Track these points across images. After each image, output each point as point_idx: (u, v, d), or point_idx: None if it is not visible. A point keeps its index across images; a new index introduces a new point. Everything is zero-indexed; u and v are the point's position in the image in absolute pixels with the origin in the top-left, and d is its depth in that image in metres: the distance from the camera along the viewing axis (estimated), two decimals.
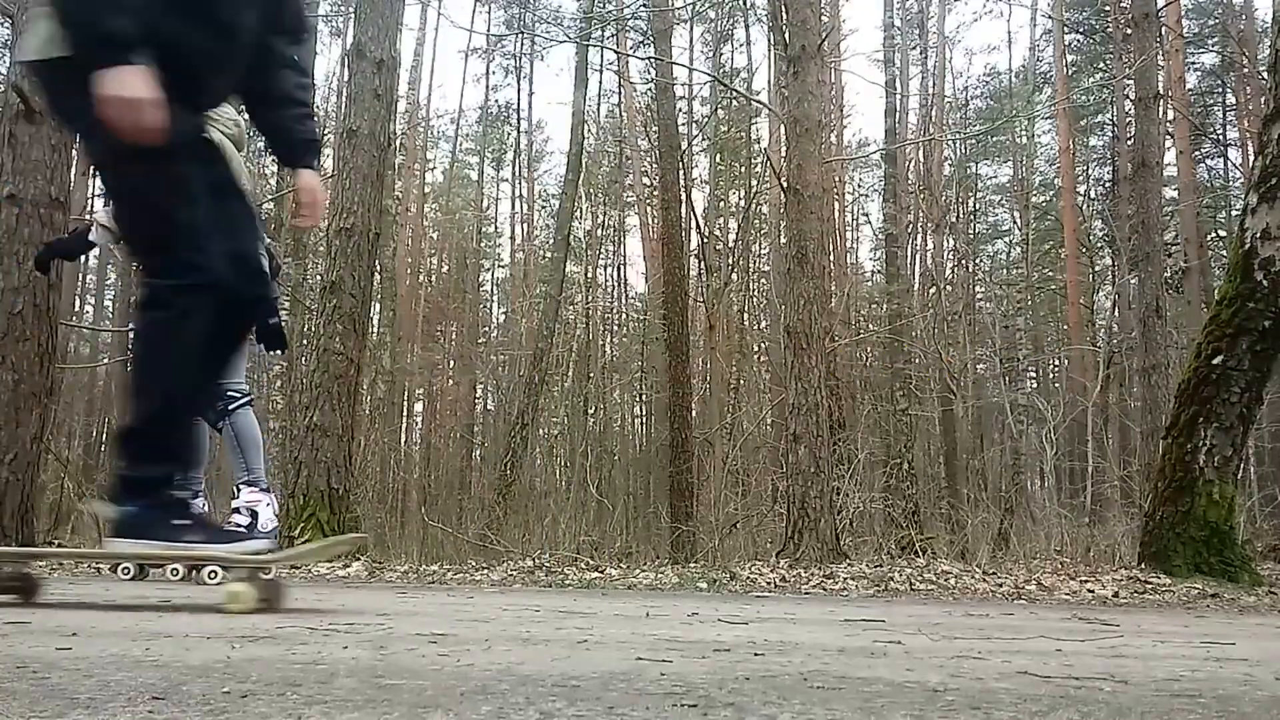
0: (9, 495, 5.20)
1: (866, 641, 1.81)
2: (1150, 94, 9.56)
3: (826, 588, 4.16)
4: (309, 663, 1.23)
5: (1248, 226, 4.89)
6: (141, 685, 1.02)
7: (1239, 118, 18.22)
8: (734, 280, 15.77)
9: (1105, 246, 17.88)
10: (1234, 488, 4.86)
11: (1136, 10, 9.64)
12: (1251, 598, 4.13)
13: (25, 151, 5.53)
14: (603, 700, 1.00)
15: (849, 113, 21.45)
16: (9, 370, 5.33)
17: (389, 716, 0.88)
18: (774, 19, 8.62)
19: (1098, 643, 1.95)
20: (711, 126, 17.82)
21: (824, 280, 6.47)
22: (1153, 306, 8.95)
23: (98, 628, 1.70)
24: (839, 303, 13.54)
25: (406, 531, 10.14)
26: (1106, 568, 4.97)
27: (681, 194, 13.70)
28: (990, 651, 1.68)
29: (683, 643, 1.65)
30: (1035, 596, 3.92)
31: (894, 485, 11.11)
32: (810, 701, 1.03)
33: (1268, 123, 5.03)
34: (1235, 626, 2.74)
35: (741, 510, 10.14)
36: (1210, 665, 1.58)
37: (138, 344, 2.03)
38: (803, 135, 6.29)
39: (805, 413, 5.94)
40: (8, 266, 5.43)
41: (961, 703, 1.05)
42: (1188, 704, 1.10)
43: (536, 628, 1.89)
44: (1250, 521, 8.18)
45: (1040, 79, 19.89)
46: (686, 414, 12.17)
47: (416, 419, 19.42)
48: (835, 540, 5.85)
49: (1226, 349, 4.78)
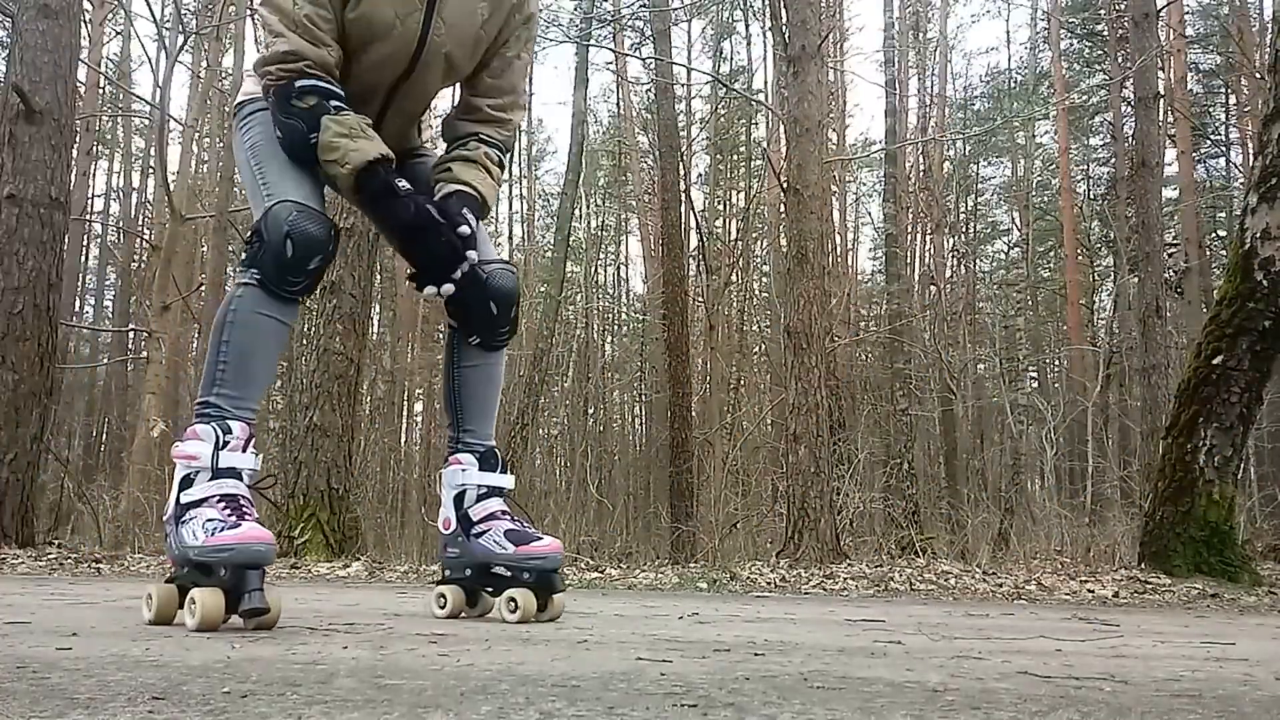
0: (9, 495, 5.20)
1: (866, 641, 1.81)
2: (1150, 94, 9.56)
3: (826, 588, 4.16)
4: (309, 662, 1.23)
5: (1248, 226, 4.89)
6: (141, 685, 1.02)
7: (1239, 118, 18.21)
8: (734, 280, 15.77)
9: (1105, 246, 17.89)
10: (1234, 488, 4.85)
11: (1136, 10, 9.64)
12: (1252, 598, 4.13)
13: (25, 151, 5.54)
14: (603, 700, 1.00)
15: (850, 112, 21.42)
16: (9, 370, 5.33)
17: (389, 716, 0.88)
18: (774, 19, 8.62)
19: (1098, 643, 1.95)
20: (711, 126, 17.82)
21: (824, 280, 6.47)
22: (1153, 306, 8.94)
23: (98, 628, 1.70)
24: (839, 303, 13.55)
25: (406, 531, 10.14)
26: (1106, 568, 4.97)
27: (681, 194, 13.71)
28: (990, 651, 1.68)
29: (683, 643, 1.65)
30: (1035, 596, 3.92)
31: (894, 485, 11.11)
32: (810, 701, 1.03)
33: (1268, 123, 5.03)
34: (1235, 626, 2.74)
35: (741, 510, 10.14)
36: (1210, 665, 1.58)
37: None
38: (803, 135, 6.29)
39: (805, 413, 5.94)
40: (8, 266, 5.43)
41: (961, 703, 1.05)
42: (1188, 704, 1.10)
43: (536, 628, 1.89)
44: (1250, 521, 8.18)
45: (1038, 78, 19.89)
46: (686, 414, 12.18)
47: (416, 419, 19.41)
48: (835, 540, 5.85)
49: (1226, 349, 4.78)
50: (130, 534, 6.66)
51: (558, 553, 1.98)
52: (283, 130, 1.86)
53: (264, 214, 1.81)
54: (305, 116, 1.83)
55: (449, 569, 2.11)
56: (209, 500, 1.71)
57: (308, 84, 1.83)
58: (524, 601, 1.94)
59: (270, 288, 1.79)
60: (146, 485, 8.39)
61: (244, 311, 1.80)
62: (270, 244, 1.77)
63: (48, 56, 5.67)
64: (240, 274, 1.84)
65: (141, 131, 19.53)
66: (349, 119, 1.85)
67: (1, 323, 5.37)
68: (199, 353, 14.56)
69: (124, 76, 18.31)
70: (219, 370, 1.79)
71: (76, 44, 6.07)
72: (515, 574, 1.97)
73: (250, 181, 1.94)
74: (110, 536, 6.43)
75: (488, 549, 2.01)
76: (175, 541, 1.72)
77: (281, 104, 1.85)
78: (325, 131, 1.82)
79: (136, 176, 21.28)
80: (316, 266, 1.82)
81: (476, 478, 2.06)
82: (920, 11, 19.14)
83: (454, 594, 2.08)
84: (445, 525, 2.09)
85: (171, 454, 1.80)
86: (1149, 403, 8.79)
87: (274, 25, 1.84)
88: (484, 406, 2.12)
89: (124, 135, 20.78)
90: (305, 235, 1.78)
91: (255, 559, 1.61)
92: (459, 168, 2.04)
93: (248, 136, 1.98)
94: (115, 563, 4.63)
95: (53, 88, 5.65)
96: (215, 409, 1.77)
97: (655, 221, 15.68)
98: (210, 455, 1.74)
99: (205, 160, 17.82)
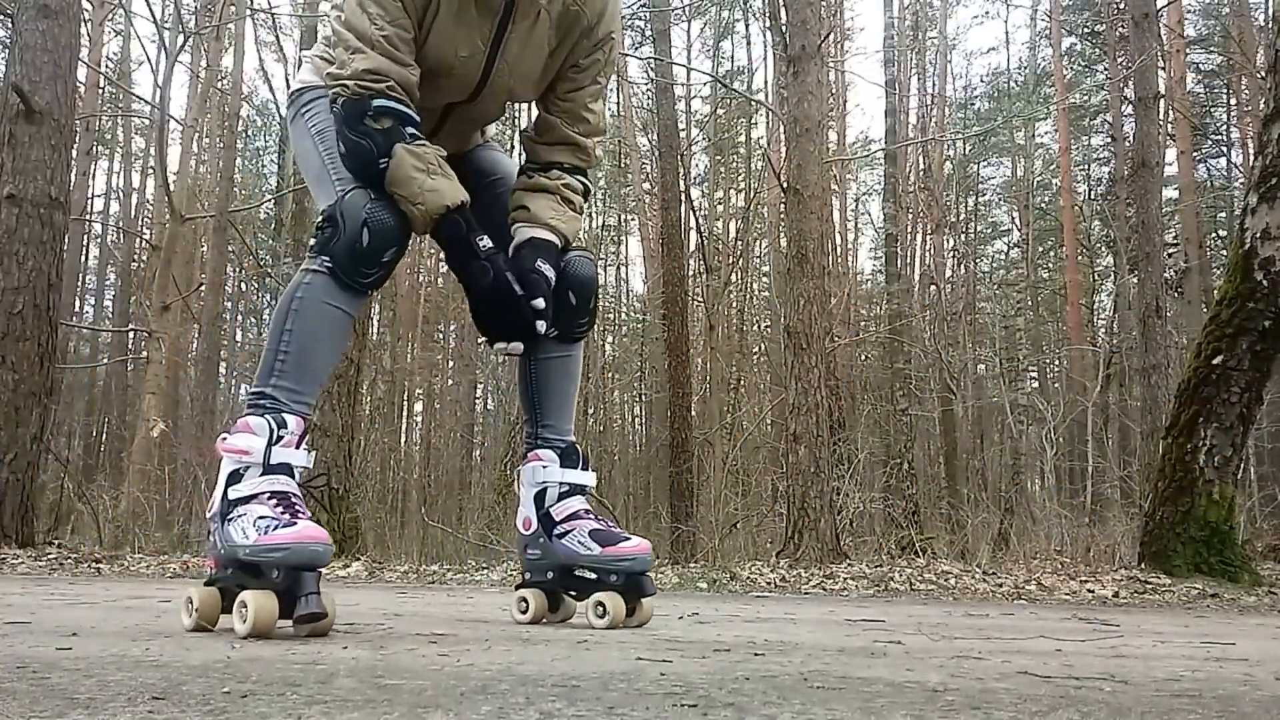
0: (9, 495, 5.20)
1: (866, 641, 1.81)
2: (1150, 94, 9.56)
3: (826, 588, 4.16)
4: (309, 662, 1.23)
5: (1248, 226, 4.89)
6: (141, 685, 1.02)
7: (1239, 118, 18.22)
8: (734, 280, 15.77)
9: (1105, 246, 17.90)
10: (1234, 488, 4.86)
11: (1136, 10, 9.64)
12: (1252, 598, 4.13)
13: (25, 151, 5.53)
14: (603, 700, 1.00)
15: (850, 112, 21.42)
16: (9, 370, 5.32)
17: (389, 716, 0.88)
18: (774, 19, 8.62)
19: (1098, 643, 1.95)
20: (711, 126, 17.82)
21: (824, 280, 6.47)
22: (1153, 306, 8.94)
23: (98, 628, 1.70)
24: (839, 303, 13.55)
25: (406, 531, 10.14)
26: (1106, 568, 4.97)
27: (681, 194, 13.70)
28: (990, 651, 1.68)
29: (683, 643, 1.65)
30: (1035, 596, 3.93)
31: (894, 485, 11.11)
32: (810, 701, 1.03)
33: (1268, 123, 5.03)
34: (1235, 626, 2.74)
35: (741, 510, 10.14)
36: (1210, 665, 1.58)
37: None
38: (803, 135, 6.29)
39: (805, 413, 5.94)
40: (8, 266, 5.43)
41: (961, 703, 1.05)
42: (1188, 704, 1.10)
43: (536, 628, 1.89)
44: (1250, 521, 8.17)
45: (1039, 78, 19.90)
46: (686, 414, 12.17)
47: (416, 419, 19.42)
48: (835, 540, 5.85)
49: (1226, 349, 4.78)
50: (130, 534, 6.65)
51: (647, 554, 1.89)
52: (347, 145, 1.76)
53: (339, 200, 1.73)
54: (378, 139, 1.73)
55: (529, 571, 2.00)
56: (259, 496, 1.61)
57: (386, 105, 1.74)
58: (613, 606, 1.85)
59: (341, 277, 1.71)
60: (146, 485, 8.38)
61: (310, 300, 1.72)
62: (346, 232, 1.70)
63: (47, 56, 5.66)
64: (309, 260, 1.74)
65: (141, 131, 19.53)
66: (427, 153, 1.75)
67: (1, 323, 5.36)
68: (199, 353, 14.57)
69: (124, 76, 18.31)
70: (278, 360, 1.70)
71: (76, 44, 6.07)
72: (602, 577, 1.89)
73: (317, 168, 1.86)
74: (110, 537, 6.43)
75: (572, 550, 1.91)
76: (220, 540, 1.61)
77: (351, 120, 1.75)
78: (400, 163, 1.72)
79: (136, 176, 21.30)
80: (390, 258, 1.75)
81: (558, 475, 1.97)
82: (920, 12, 19.15)
83: (536, 598, 1.97)
84: (525, 525, 1.99)
85: (219, 447, 1.70)
86: (1149, 403, 8.79)
87: (351, 42, 1.75)
88: (563, 400, 2.03)
89: (124, 135, 20.79)
90: (382, 225, 1.71)
91: (312, 560, 1.51)
92: (537, 205, 1.93)
93: (314, 123, 1.89)
94: (115, 563, 4.63)
95: (52, 87, 5.65)
96: (271, 400, 1.69)
97: (655, 221, 15.68)
98: (263, 450, 1.65)
99: (205, 160, 17.84)
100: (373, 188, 1.75)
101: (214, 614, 1.63)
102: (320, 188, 1.84)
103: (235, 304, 20.47)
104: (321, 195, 1.82)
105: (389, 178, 1.73)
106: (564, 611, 2.01)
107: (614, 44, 1.96)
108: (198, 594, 1.63)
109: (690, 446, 11.80)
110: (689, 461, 11.57)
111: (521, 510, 2.00)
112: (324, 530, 1.55)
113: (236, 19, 12.33)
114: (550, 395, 2.02)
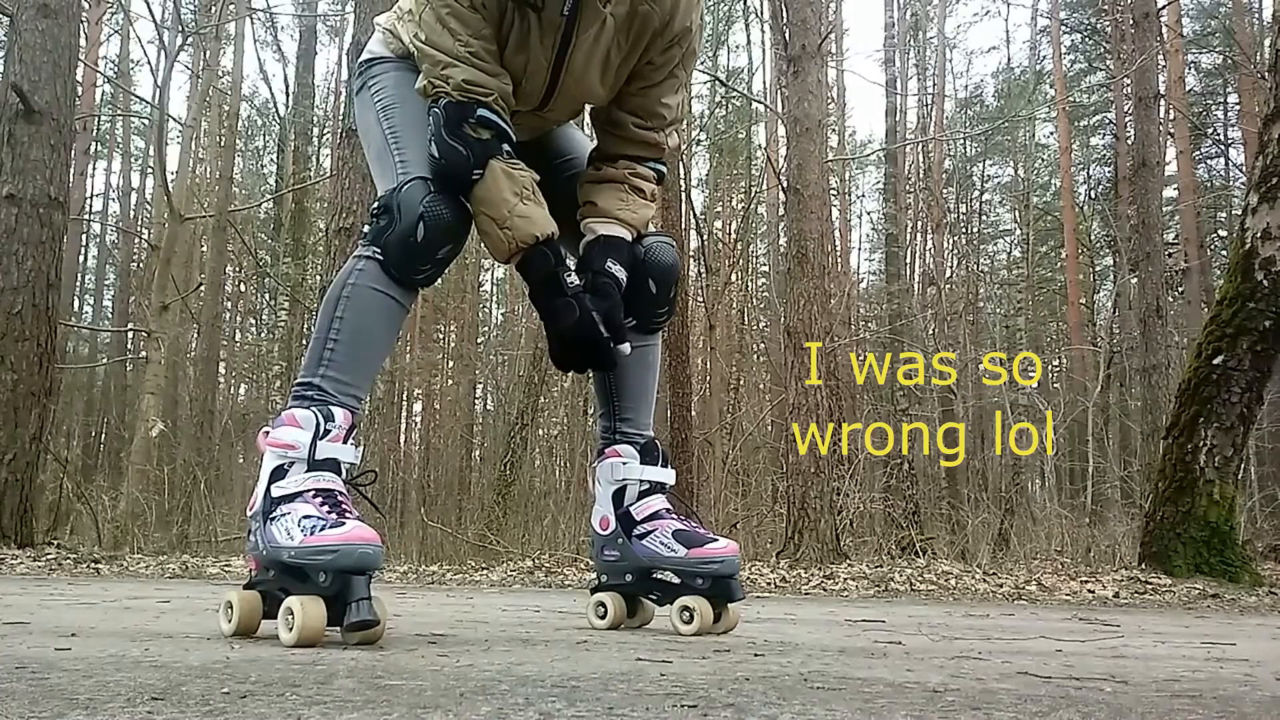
0: (9, 495, 5.20)
1: (867, 642, 1.81)
2: (1150, 94, 9.57)
3: (826, 588, 4.16)
4: (308, 663, 1.23)
5: (1248, 226, 4.90)
6: (140, 685, 1.02)
7: (1239, 118, 18.22)
8: (734, 280, 15.77)
9: (1105, 246, 17.89)
10: (1234, 488, 4.86)
11: (1136, 10, 9.64)
12: (1252, 598, 4.13)
13: (25, 151, 5.54)
14: (603, 700, 0.99)
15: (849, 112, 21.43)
16: (9, 370, 5.32)
17: (388, 717, 0.88)
18: (774, 19, 8.62)
19: (1098, 643, 1.95)
20: (711, 127, 17.82)
21: (824, 280, 6.47)
22: (1153, 306, 8.95)
23: (97, 628, 1.70)
24: (839, 303, 13.55)
25: (406, 532, 10.13)
26: (1107, 568, 4.97)
27: (681, 194, 13.69)
28: (990, 652, 1.68)
29: (683, 643, 1.65)
30: (1036, 597, 3.92)
31: (894, 485, 11.11)
32: (810, 702, 1.02)
33: (1268, 123, 5.04)
34: (1236, 626, 2.74)
35: (741, 510, 10.15)
36: (1211, 665, 1.58)
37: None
38: (803, 135, 6.30)
39: (805, 413, 5.94)
40: (7, 266, 5.43)
41: (962, 703, 1.05)
42: (1188, 704, 1.10)
43: (536, 628, 1.88)
44: (1250, 521, 8.18)
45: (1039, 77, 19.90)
46: (686, 414, 12.16)
47: (416, 419, 19.41)
48: (835, 540, 5.85)
49: (1227, 349, 4.78)
50: (129, 534, 6.65)
51: (736, 556, 1.79)
52: (441, 150, 1.65)
53: (396, 189, 1.64)
54: (476, 149, 1.64)
55: (606, 574, 1.89)
56: (304, 495, 1.51)
57: (489, 117, 1.65)
58: (701, 611, 1.76)
59: (391, 271, 1.63)
60: (145, 485, 8.38)
61: (363, 287, 1.63)
62: (401, 224, 1.61)
63: (46, 56, 5.67)
64: (361, 248, 1.66)
65: (141, 131, 19.53)
66: (524, 176, 1.67)
67: (1, 323, 5.36)
68: (198, 353, 14.56)
69: (124, 76, 18.30)
70: (328, 349, 1.61)
71: (75, 44, 6.07)
72: (687, 580, 1.79)
73: (380, 146, 1.76)
74: (109, 537, 6.43)
75: (654, 552, 1.81)
76: (263, 540, 1.51)
77: (452, 125, 1.65)
78: (495, 181, 1.64)
79: (136, 176, 21.30)
80: (445, 255, 1.65)
81: (638, 471, 1.85)
82: (920, 11, 19.15)
83: (615, 602, 1.87)
84: (603, 525, 1.87)
85: (261, 442, 1.60)
86: (1149, 403, 8.80)
87: (439, 59, 1.67)
88: (642, 393, 1.91)
89: (124, 135, 20.79)
90: (440, 220, 1.62)
91: (363, 563, 1.40)
92: (605, 199, 1.83)
93: (380, 96, 1.80)
94: (114, 563, 4.63)
95: (51, 87, 5.65)
96: (319, 392, 1.59)
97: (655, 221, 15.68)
98: (309, 444, 1.54)
99: (204, 160, 17.83)
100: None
101: (255, 619, 1.54)
102: (381, 166, 1.76)
103: (234, 304, 20.46)
104: (381, 175, 1.75)
105: (478, 194, 1.65)
106: (642, 616, 1.92)
107: (693, 36, 1.82)
108: (237, 598, 1.54)
109: (690, 446, 11.78)
110: (689, 462, 11.54)
111: (598, 509, 1.89)
112: (374, 531, 1.44)
113: (236, 19, 12.33)
114: (628, 387, 1.90)
